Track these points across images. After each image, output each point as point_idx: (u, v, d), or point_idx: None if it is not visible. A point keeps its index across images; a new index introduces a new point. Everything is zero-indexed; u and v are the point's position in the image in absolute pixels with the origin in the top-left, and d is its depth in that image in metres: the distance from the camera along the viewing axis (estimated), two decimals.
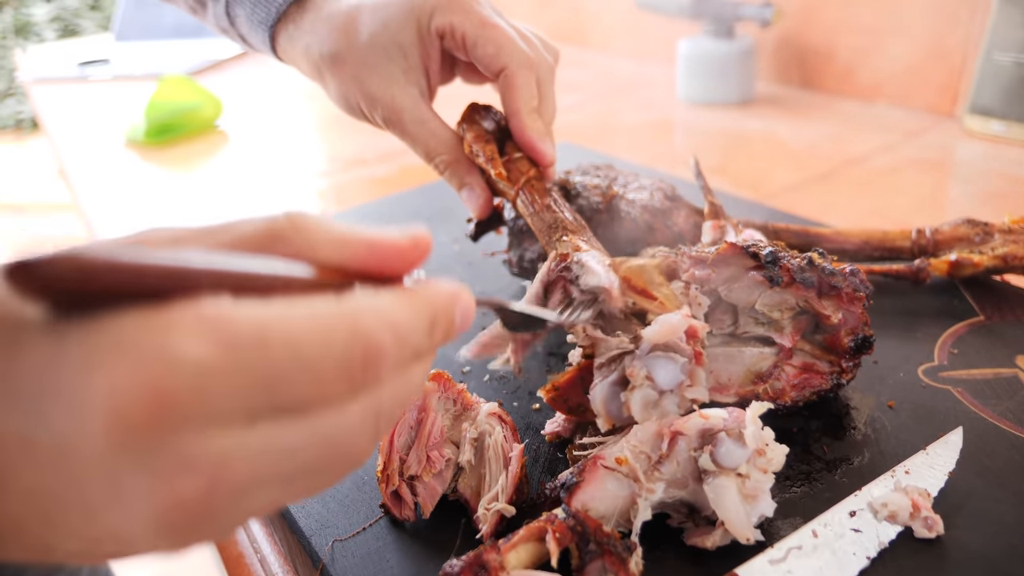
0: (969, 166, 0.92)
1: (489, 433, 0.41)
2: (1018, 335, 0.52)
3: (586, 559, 0.34)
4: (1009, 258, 0.55)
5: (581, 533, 0.35)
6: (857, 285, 0.43)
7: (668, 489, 0.37)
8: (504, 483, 0.39)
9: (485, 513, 0.39)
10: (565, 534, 0.35)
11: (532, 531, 0.35)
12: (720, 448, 0.36)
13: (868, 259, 0.60)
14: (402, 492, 0.40)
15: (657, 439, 0.37)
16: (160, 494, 0.19)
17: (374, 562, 0.38)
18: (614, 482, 0.37)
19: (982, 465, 0.41)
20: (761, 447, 0.36)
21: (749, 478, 0.36)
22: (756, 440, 0.36)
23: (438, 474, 0.40)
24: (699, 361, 0.40)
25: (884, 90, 1.14)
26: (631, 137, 1.12)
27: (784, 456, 0.37)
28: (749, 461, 0.36)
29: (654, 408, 0.39)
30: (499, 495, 0.39)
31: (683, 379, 0.39)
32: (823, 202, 0.85)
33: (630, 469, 0.37)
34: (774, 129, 1.08)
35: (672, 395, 0.39)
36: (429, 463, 0.40)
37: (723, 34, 1.17)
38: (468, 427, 0.41)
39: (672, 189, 0.60)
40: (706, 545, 0.36)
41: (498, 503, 0.39)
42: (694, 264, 0.46)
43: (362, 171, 1.05)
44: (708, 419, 0.37)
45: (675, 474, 0.37)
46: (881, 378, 0.48)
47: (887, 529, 0.37)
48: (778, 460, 0.37)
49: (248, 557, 0.49)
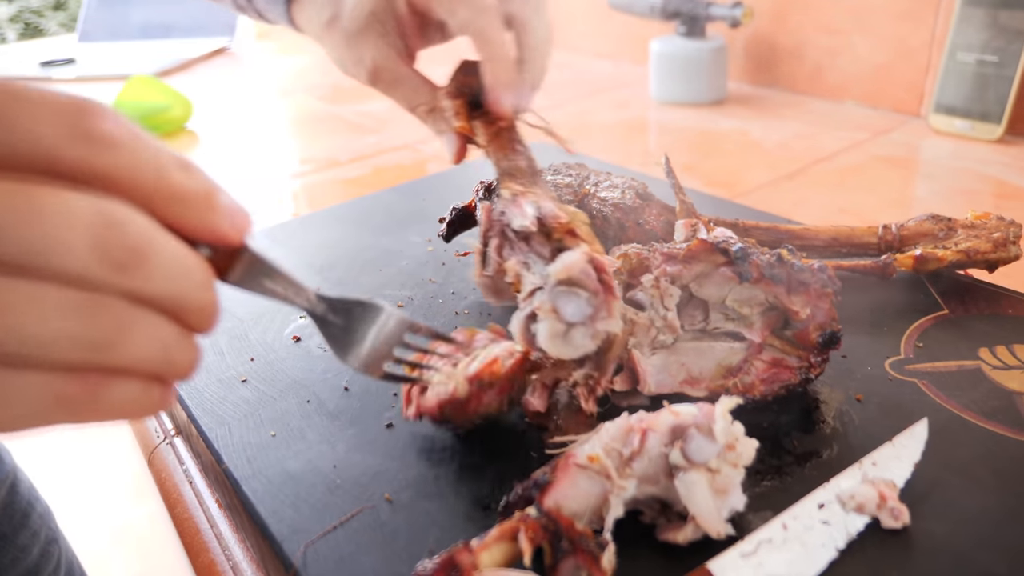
0: (935, 164, 0.94)
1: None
2: (981, 328, 0.53)
3: (559, 557, 0.35)
4: (972, 253, 0.56)
5: (554, 531, 0.35)
6: (825, 281, 0.44)
7: (640, 486, 0.37)
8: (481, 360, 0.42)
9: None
10: (538, 532, 0.35)
11: (505, 531, 0.35)
12: (690, 443, 0.36)
13: (836, 255, 0.61)
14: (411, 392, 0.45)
15: (628, 435, 0.38)
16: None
17: (347, 565, 0.38)
18: (586, 480, 0.37)
19: (947, 455, 0.42)
20: (731, 442, 0.37)
21: (719, 473, 0.36)
22: (726, 435, 0.36)
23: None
24: (610, 293, 0.41)
25: (852, 89, 1.16)
26: (605, 137, 1.12)
27: (754, 451, 0.37)
28: (720, 456, 0.36)
29: (563, 340, 0.41)
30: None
31: (590, 311, 0.41)
32: (793, 200, 0.86)
33: (602, 467, 0.37)
34: (745, 128, 1.09)
35: (583, 328, 0.41)
36: None
37: (695, 34, 1.18)
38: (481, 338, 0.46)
39: (644, 187, 0.60)
40: (678, 540, 0.36)
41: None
42: (666, 260, 0.46)
43: (335, 172, 1.04)
44: (678, 415, 0.37)
45: (647, 470, 0.37)
46: (849, 372, 0.49)
47: (855, 520, 0.37)
48: (748, 455, 0.37)
49: (220, 564, 0.48)
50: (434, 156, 1.06)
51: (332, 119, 1.29)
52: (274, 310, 0.61)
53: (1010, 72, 0.94)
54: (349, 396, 0.50)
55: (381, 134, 1.18)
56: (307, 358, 0.55)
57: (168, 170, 0.24)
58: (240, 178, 1.05)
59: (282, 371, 0.54)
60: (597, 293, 0.41)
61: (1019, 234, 0.57)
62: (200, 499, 0.53)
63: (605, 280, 0.41)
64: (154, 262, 0.23)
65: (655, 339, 0.46)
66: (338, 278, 0.66)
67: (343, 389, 0.51)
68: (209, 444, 0.47)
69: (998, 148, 0.95)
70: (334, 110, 1.34)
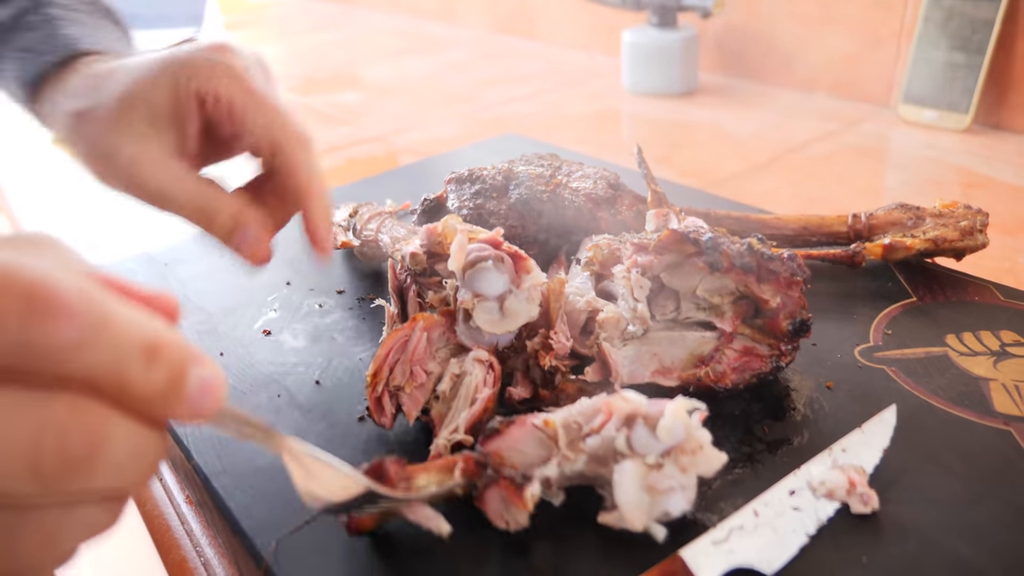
0: (903, 154, 0.95)
1: (469, 372, 0.44)
2: (948, 315, 0.54)
3: (485, 484, 0.36)
4: (940, 241, 0.57)
5: (485, 466, 0.37)
6: (795, 270, 0.44)
7: (590, 463, 0.37)
8: (465, 418, 0.42)
9: (445, 444, 0.41)
10: (472, 467, 0.37)
11: (445, 463, 0.37)
12: (635, 433, 0.36)
13: (806, 244, 0.61)
14: (384, 401, 0.43)
15: (594, 414, 0.37)
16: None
17: (319, 560, 0.38)
18: (535, 441, 0.38)
19: (914, 441, 0.42)
20: (693, 447, 0.36)
21: (659, 470, 0.36)
22: (671, 435, 0.35)
23: (420, 386, 0.44)
24: (518, 257, 0.43)
25: (823, 80, 1.17)
26: (577, 127, 1.12)
27: (720, 463, 0.36)
28: (670, 455, 0.36)
29: (502, 315, 0.43)
30: (458, 428, 0.42)
31: (507, 277, 0.43)
32: (765, 190, 0.86)
33: (553, 431, 0.37)
34: (717, 119, 1.10)
35: (513, 295, 0.43)
36: (412, 377, 0.44)
37: (666, 24, 1.18)
38: (455, 362, 0.45)
39: (615, 178, 0.60)
40: (608, 523, 0.36)
41: (457, 434, 0.41)
42: (636, 251, 0.46)
43: None
44: (628, 402, 0.37)
45: (598, 451, 0.37)
46: (819, 360, 0.49)
47: (825, 506, 0.38)
48: (707, 465, 0.36)
49: (192, 561, 0.48)
50: (406, 148, 1.06)
51: (304, 110, 1.28)
52: (244, 304, 0.60)
53: (977, 62, 0.96)
54: (320, 390, 0.50)
55: (353, 125, 1.17)
56: (278, 352, 0.54)
57: (128, 367, 0.22)
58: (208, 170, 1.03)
59: (252, 365, 0.53)
60: (501, 259, 0.43)
61: (986, 222, 0.57)
62: (170, 496, 0.52)
63: (495, 243, 0.44)
64: (98, 464, 0.22)
65: (626, 330, 0.46)
66: (308, 270, 0.65)
67: (314, 383, 0.51)
68: (178, 440, 0.46)
69: (965, 138, 0.97)
70: (306, 101, 1.32)
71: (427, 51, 1.64)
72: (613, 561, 0.36)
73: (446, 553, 0.37)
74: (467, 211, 0.58)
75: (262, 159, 0.45)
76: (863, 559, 0.35)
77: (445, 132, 1.12)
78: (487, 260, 0.43)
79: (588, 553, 0.36)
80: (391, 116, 1.21)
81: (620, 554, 0.36)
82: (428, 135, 1.11)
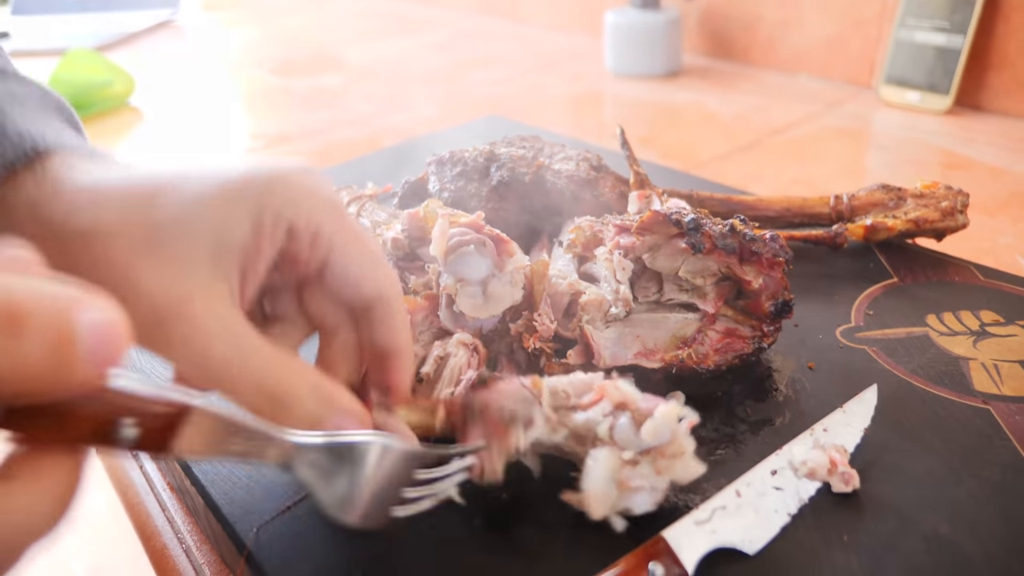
0: (885, 135, 0.96)
1: (453, 355, 0.43)
2: (928, 295, 0.54)
3: (470, 421, 0.37)
4: (920, 222, 0.57)
5: (469, 407, 0.37)
6: (777, 251, 0.44)
7: (570, 439, 0.37)
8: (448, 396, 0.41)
9: None
10: (455, 409, 0.37)
11: (429, 403, 0.38)
12: (619, 423, 0.36)
13: (788, 225, 0.61)
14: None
15: (586, 390, 0.37)
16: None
17: (300, 546, 0.37)
18: (521, 398, 0.37)
19: (895, 420, 0.42)
20: (673, 450, 0.35)
21: (635, 467, 0.35)
22: (655, 437, 0.35)
23: None
24: (500, 240, 0.43)
25: (805, 62, 1.16)
26: (560, 109, 1.12)
27: (697, 474, 0.36)
28: (648, 454, 0.35)
29: (485, 299, 0.43)
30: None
31: (489, 260, 0.43)
32: (748, 171, 0.86)
33: (538, 392, 0.37)
34: (701, 100, 1.10)
35: (496, 279, 0.43)
36: None
37: (649, 5, 1.17)
38: (438, 345, 0.44)
39: (598, 159, 0.60)
40: (570, 502, 0.36)
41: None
42: (619, 232, 0.46)
43: (287, 147, 1.02)
44: (622, 392, 0.37)
45: (579, 429, 0.37)
46: (801, 340, 0.50)
47: (807, 486, 0.38)
48: (685, 473, 0.36)
49: (173, 548, 0.47)
50: (387, 130, 1.05)
51: (283, 93, 1.26)
52: None
53: (958, 44, 0.96)
54: None
55: (334, 109, 1.16)
56: None
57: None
58: (187, 155, 1.02)
59: None
60: (483, 243, 0.43)
61: (966, 203, 0.58)
62: (151, 483, 0.51)
63: (477, 227, 0.43)
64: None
65: (608, 312, 0.45)
66: None
67: None
68: None
69: (946, 119, 0.97)
70: (285, 84, 1.30)
71: (408, 33, 1.62)
72: (594, 541, 0.36)
73: (426, 537, 0.37)
74: (449, 193, 0.57)
75: (328, 311, 0.36)
76: (844, 538, 0.35)
77: (426, 114, 1.11)
78: (469, 244, 0.43)
79: (568, 534, 0.36)
80: (372, 98, 1.20)
81: (602, 535, 0.36)
82: (409, 117, 1.10)
